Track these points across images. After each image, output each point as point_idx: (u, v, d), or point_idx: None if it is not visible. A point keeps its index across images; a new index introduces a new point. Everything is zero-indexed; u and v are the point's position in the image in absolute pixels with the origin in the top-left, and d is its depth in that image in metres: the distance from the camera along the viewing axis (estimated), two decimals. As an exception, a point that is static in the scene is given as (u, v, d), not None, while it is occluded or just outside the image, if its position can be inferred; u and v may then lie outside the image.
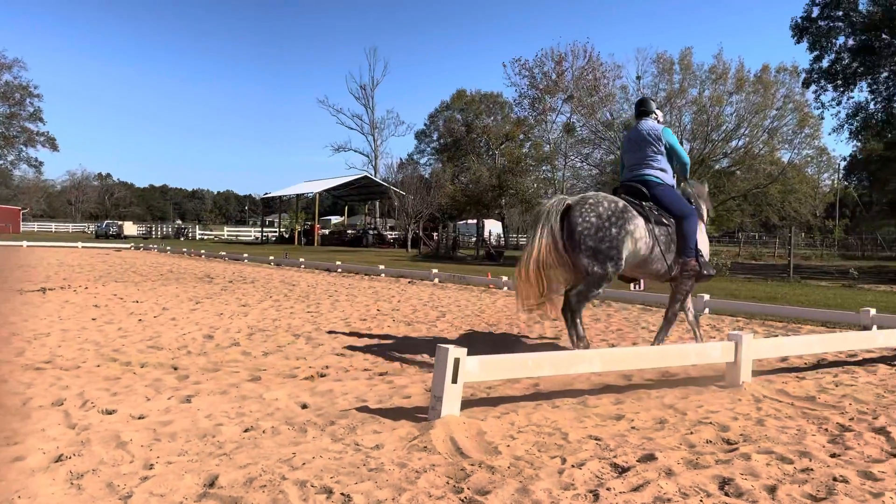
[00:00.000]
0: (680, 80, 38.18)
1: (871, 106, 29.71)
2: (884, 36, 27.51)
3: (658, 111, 7.00)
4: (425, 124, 72.57)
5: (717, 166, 39.42)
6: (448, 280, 16.75)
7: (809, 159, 39.52)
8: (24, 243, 38.05)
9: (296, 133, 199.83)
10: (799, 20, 29.10)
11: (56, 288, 12.94)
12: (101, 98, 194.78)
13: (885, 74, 28.62)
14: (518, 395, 5.08)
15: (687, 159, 6.86)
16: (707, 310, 10.94)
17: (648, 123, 6.82)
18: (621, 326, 9.21)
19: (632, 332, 8.67)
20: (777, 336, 7.74)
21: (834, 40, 28.71)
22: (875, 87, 29.05)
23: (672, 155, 6.76)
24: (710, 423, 4.42)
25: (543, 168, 49.92)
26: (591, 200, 6.20)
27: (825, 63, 29.15)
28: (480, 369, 4.39)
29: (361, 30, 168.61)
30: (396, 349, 7.09)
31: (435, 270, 17.64)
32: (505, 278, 15.18)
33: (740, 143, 38.91)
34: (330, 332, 8.12)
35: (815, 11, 28.73)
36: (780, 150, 39.17)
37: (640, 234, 6.23)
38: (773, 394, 5.29)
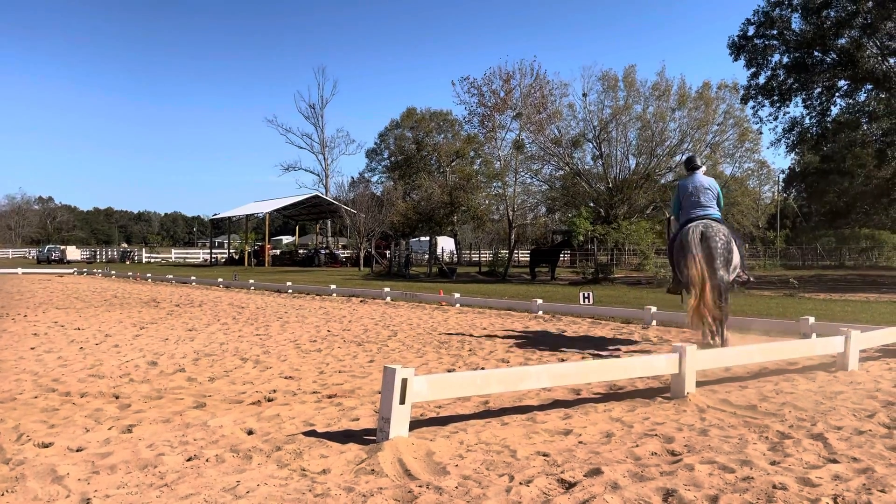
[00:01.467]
0: (625, 96, 39.13)
1: (807, 121, 30.89)
2: (816, 53, 28.69)
3: (703, 165, 9.11)
4: (376, 143, 72.57)
5: (662, 180, 40.39)
6: (400, 298, 16.71)
7: (750, 172, 40.85)
8: (-41, 270, 36.61)
9: (245, 153, 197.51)
10: (736, 38, 30.15)
11: (-8, 317, 12.46)
12: (41, 118, 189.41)
13: (819, 90, 29.81)
14: (468, 413, 5.08)
15: (723, 202, 8.94)
16: (654, 321, 11.15)
17: (707, 178, 8.78)
18: (574, 342, 9.31)
19: (583, 346, 8.77)
20: (720, 346, 7.92)
21: (769, 58, 29.81)
22: (809, 102, 30.23)
23: (719, 201, 8.78)
24: (656, 434, 4.49)
25: (494, 184, 50.38)
26: (717, 227, 8.21)
27: (762, 79, 30.22)
28: (429, 389, 4.38)
29: (310, 48, 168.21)
30: (346, 370, 7.02)
31: (387, 289, 17.58)
32: (457, 295, 15.22)
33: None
34: (279, 356, 8.01)
35: (751, 30, 29.80)
36: (723, 163, 40.38)
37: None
38: (716, 403, 5.41)
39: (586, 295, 13.40)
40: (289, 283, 21.09)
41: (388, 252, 43.74)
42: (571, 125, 41.08)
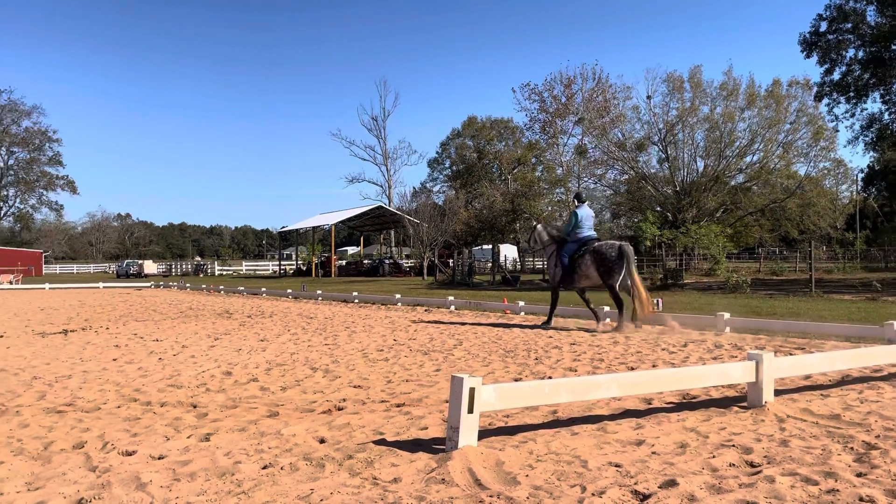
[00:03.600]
0: (691, 97, 38.27)
1: (886, 117, 29.51)
2: (893, 47, 27.42)
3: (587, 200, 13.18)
4: (437, 152, 73.16)
5: (732, 182, 39.30)
6: (464, 307, 16.73)
7: (826, 172, 39.31)
8: (47, 285, 38.56)
9: (311, 166, 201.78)
10: (807, 35, 29.11)
11: (77, 329, 13.09)
12: (119, 139, 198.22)
13: (898, 84, 28.46)
14: (536, 423, 5.04)
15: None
16: (728, 328, 10.83)
17: (590, 209, 12.90)
18: (640, 348, 9.14)
19: (651, 354, 8.59)
20: (800, 353, 7.64)
21: (844, 53, 28.66)
22: (888, 97, 28.89)
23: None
24: (733, 445, 4.36)
25: (557, 191, 50.00)
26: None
27: (836, 75, 29.08)
28: (497, 398, 4.37)
29: (372, 61, 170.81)
30: (413, 379, 7.07)
31: (451, 297, 17.64)
32: (522, 303, 15.14)
33: (755, 158, 38.81)
34: (347, 365, 8.13)
35: (823, 26, 28.73)
36: (796, 163, 39.03)
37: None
38: (796, 413, 5.22)
39: (655, 301, 13.12)
40: (355, 293, 21.40)
41: (451, 261, 43.87)
42: (636, 128, 40.46)
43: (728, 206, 39.54)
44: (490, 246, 44.65)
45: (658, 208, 38.21)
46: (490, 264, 37.90)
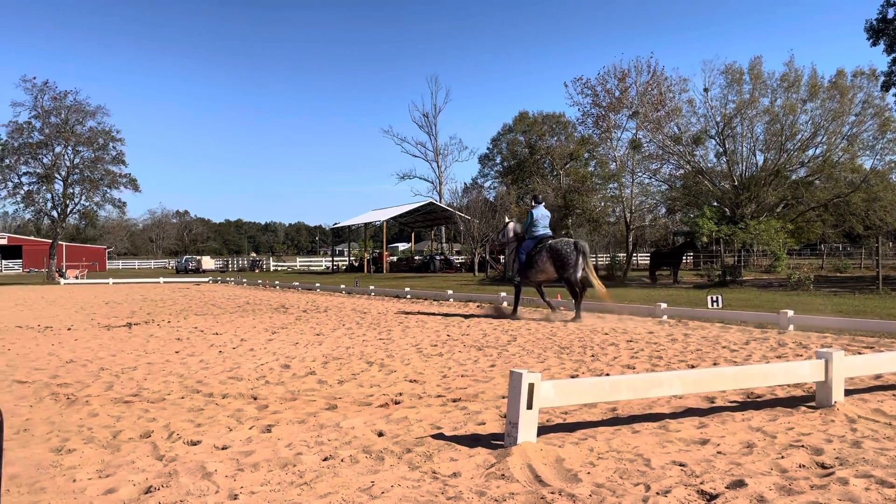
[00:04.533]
0: (750, 89, 37.21)
1: (959, 106, 28.13)
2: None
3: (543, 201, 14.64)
4: (488, 148, 72.87)
5: (793, 176, 38.10)
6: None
7: (894, 165, 37.73)
8: (110, 280, 39.96)
9: (362, 163, 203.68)
10: (874, 22, 27.94)
11: (141, 323, 13.51)
12: (178, 138, 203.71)
13: (972, 73, 27.12)
14: (596, 420, 4.97)
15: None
16: (791, 326, 10.50)
17: (545, 210, 13.97)
18: (700, 346, 8.93)
19: (712, 352, 8.39)
20: (869, 352, 7.35)
21: (913, 40, 27.40)
22: (961, 86, 27.53)
23: (550, 223, 13.96)
24: (802, 446, 4.21)
25: (610, 186, 49.26)
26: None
27: (905, 64, 27.82)
28: (556, 394, 4.32)
29: (424, 58, 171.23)
30: (469, 374, 7.06)
31: (503, 293, 17.55)
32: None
33: (817, 151, 37.52)
34: (402, 359, 8.17)
35: (891, 13, 27.54)
36: (861, 156, 37.59)
37: None
38: (868, 413, 5.02)
39: (715, 298, 12.82)
40: (407, 289, 21.52)
41: (502, 257, 43.71)
42: (692, 122, 39.54)
43: (789, 200, 38.33)
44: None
45: (715, 203, 37.28)
46: (542, 260, 37.60)
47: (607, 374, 6.74)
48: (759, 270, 30.98)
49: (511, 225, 14.41)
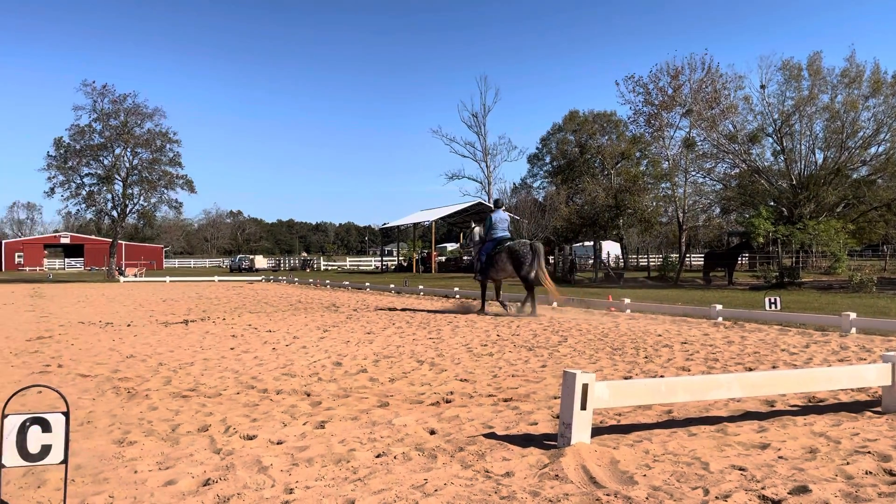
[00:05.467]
0: (809, 86, 36.11)
1: None
2: None
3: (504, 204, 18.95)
4: (537, 147, 72.42)
5: (854, 175, 36.81)
6: (567, 303, 16.48)
7: (962, 163, 36.11)
8: (167, 279, 41.10)
9: (411, 163, 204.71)
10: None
11: (197, 320, 13.84)
12: (231, 139, 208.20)
13: None
14: (651, 423, 4.88)
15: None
16: (854, 329, 10.14)
17: (505, 213, 15.28)
18: (758, 349, 8.70)
19: (770, 355, 8.16)
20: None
21: None
22: None
23: (509, 227, 15.17)
24: (869, 452, 4.06)
25: (662, 185, 48.45)
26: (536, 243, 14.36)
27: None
28: (611, 395, 4.26)
29: (472, 58, 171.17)
30: (520, 374, 7.02)
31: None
32: (627, 300, 14.76)
33: (880, 149, 36.18)
34: (452, 359, 8.18)
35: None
36: (928, 154, 36.05)
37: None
38: (940, 421, 4.80)
39: (772, 300, 12.48)
40: (456, 289, 21.52)
41: (551, 258, 43.40)
42: (748, 119, 38.55)
43: (850, 200, 37.02)
44: (591, 243, 43.89)
45: (772, 203, 36.27)
46: (591, 261, 37.24)
47: (661, 376, 6.62)
48: (818, 272, 30.04)
49: (476, 230, 15.76)
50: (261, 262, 71.11)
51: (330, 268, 70.04)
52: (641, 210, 48.49)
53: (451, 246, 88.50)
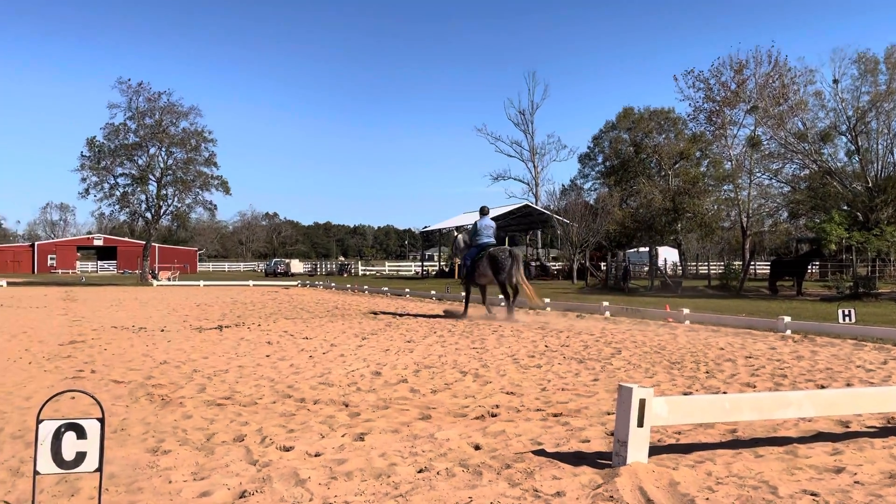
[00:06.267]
0: (887, 80, 35.09)
1: None
2: None
3: (489, 211, 16.85)
4: (589, 147, 71.85)
5: (938, 176, 35.60)
6: (620, 313, 16.32)
7: None
8: (201, 283, 41.94)
9: (453, 164, 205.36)
10: None
11: (231, 326, 14.09)
12: (267, 140, 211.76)
13: None
14: (713, 442, 4.79)
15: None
16: (938, 345, 9.79)
17: (490, 220, 16.32)
18: (830, 365, 8.47)
19: (844, 372, 7.93)
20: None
21: None
22: None
23: (494, 233, 16.27)
24: (957, 480, 3.91)
25: (724, 187, 47.63)
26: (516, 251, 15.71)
27: None
28: (670, 412, 4.19)
29: (519, 52, 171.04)
30: (569, 388, 6.97)
31: (605, 303, 17.27)
32: (686, 310, 14.53)
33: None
34: (497, 370, 8.15)
35: None
36: None
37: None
38: None
39: (846, 312, 12.14)
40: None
41: (603, 264, 43.00)
42: (819, 117, 37.64)
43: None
44: (647, 248, 43.34)
45: (845, 207, 35.32)
46: (647, 268, 36.77)
47: (724, 393, 6.49)
48: (897, 282, 29.11)
49: (459, 237, 17.18)
50: (297, 266, 72.04)
51: (368, 273, 70.63)
52: (701, 214, 47.72)
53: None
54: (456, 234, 17.52)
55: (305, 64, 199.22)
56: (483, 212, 16.73)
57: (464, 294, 17.14)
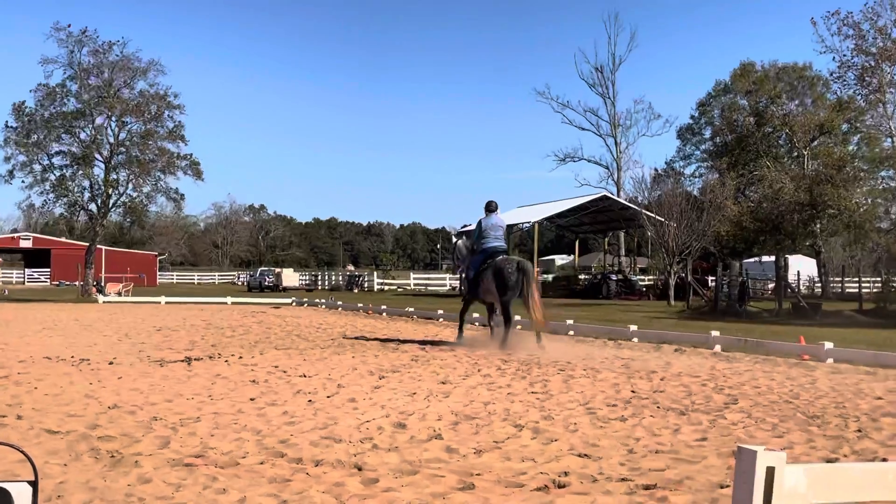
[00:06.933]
0: None
1: None
2: None
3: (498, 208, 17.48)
4: (692, 116, 71.67)
5: None
6: (735, 346, 16.16)
7: None
8: (163, 299, 42.49)
9: (503, 143, 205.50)
10: None
11: (203, 357, 14.28)
12: (249, 110, 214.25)
13: None
14: (869, 529, 4.70)
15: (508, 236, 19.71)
16: None
17: (499, 218, 17.57)
18: None
19: None
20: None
21: None
22: None
23: (506, 235, 17.95)
24: None
25: (882, 174, 46.93)
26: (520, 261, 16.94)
27: None
28: (809, 485, 4.11)
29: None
30: (666, 449, 6.92)
31: (715, 332, 17.10)
32: (828, 345, 14.33)
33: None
34: (565, 423, 8.13)
35: None
36: None
37: None
38: None
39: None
40: (569, 322, 21.44)
41: (709, 279, 42.59)
42: None
43: None
44: (772, 258, 42.83)
45: None
46: (772, 285, 36.34)
47: (884, 459, 6.38)
48: None
49: (460, 242, 18.42)
50: (290, 277, 72.73)
51: (387, 287, 70.91)
52: (850, 210, 46.98)
53: (561, 259, 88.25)
54: (455, 238, 18.52)
55: (301, 7, 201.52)
56: (489, 208, 17.36)
57: (461, 311, 18.26)
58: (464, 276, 17.81)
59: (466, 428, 7.86)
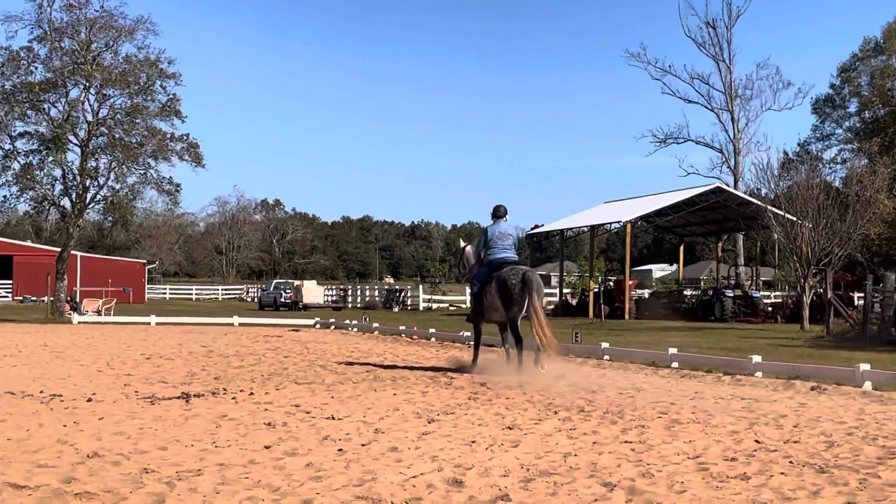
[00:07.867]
0: None
1: None
2: None
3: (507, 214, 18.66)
4: (832, 85, 70.74)
5: None
6: (892, 385, 15.91)
7: None
8: (153, 319, 42.84)
9: (585, 121, 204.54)
10: None
11: (205, 393, 14.38)
12: (262, 86, 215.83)
13: None
14: None
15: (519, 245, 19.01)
16: None
17: (508, 225, 18.71)
18: None
19: None
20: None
21: None
22: None
23: (516, 244, 18.60)
24: None
25: None
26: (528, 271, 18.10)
27: None
28: None
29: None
30: (803, 519, 6.84)
31: (864, 366, 16.84)
32: None
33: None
34: (669, 482, 8.07)
35: None
36: None
37: None
38: None
39: None
40: (672, 351, 21.24)
41: (856, 295, 41.97)
42: None
43: None
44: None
45: None
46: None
47: None
48: None
49: (468, 248, 19.83)
50: (313, 292, 72.82)
51: (436, 305, 70.88)
52: None
53: (660, 270, 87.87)
54: (463, 244, 19.88)
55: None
56: (497, 214, 18.79)
57: (473, 335, 20.19)
58: (470, 293, 18.89)
59: (541, 487, 7.83)
